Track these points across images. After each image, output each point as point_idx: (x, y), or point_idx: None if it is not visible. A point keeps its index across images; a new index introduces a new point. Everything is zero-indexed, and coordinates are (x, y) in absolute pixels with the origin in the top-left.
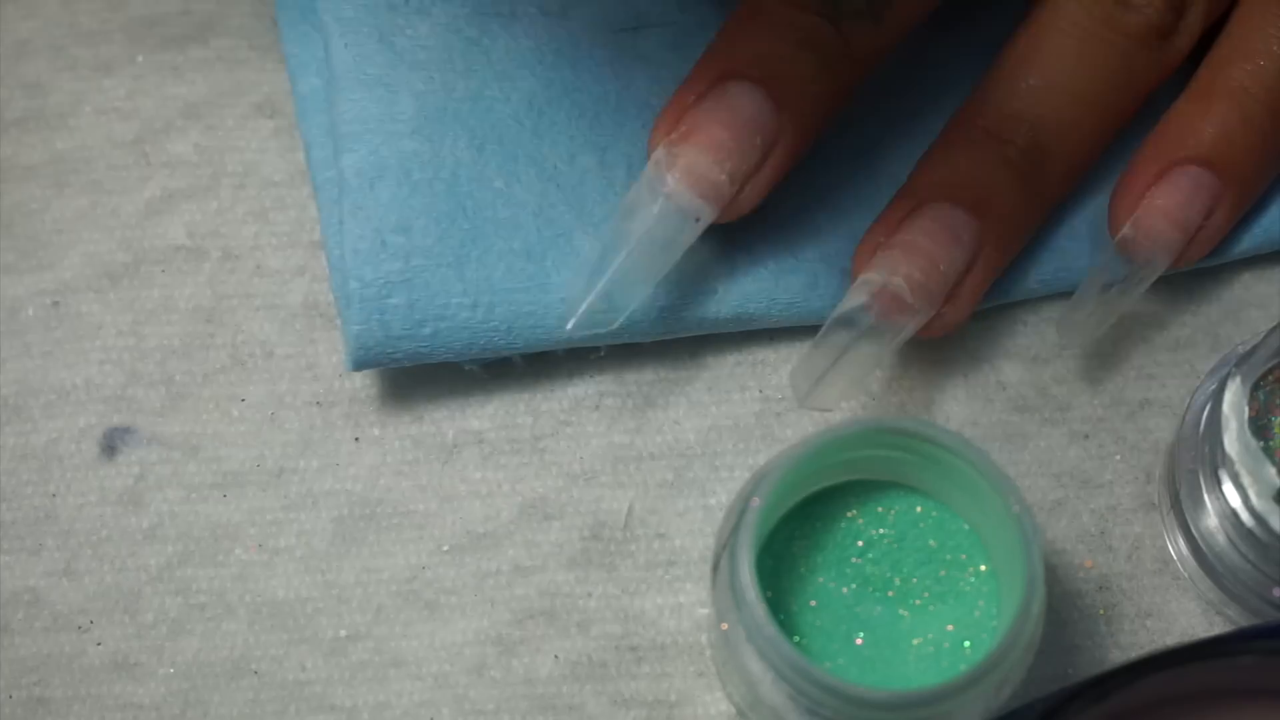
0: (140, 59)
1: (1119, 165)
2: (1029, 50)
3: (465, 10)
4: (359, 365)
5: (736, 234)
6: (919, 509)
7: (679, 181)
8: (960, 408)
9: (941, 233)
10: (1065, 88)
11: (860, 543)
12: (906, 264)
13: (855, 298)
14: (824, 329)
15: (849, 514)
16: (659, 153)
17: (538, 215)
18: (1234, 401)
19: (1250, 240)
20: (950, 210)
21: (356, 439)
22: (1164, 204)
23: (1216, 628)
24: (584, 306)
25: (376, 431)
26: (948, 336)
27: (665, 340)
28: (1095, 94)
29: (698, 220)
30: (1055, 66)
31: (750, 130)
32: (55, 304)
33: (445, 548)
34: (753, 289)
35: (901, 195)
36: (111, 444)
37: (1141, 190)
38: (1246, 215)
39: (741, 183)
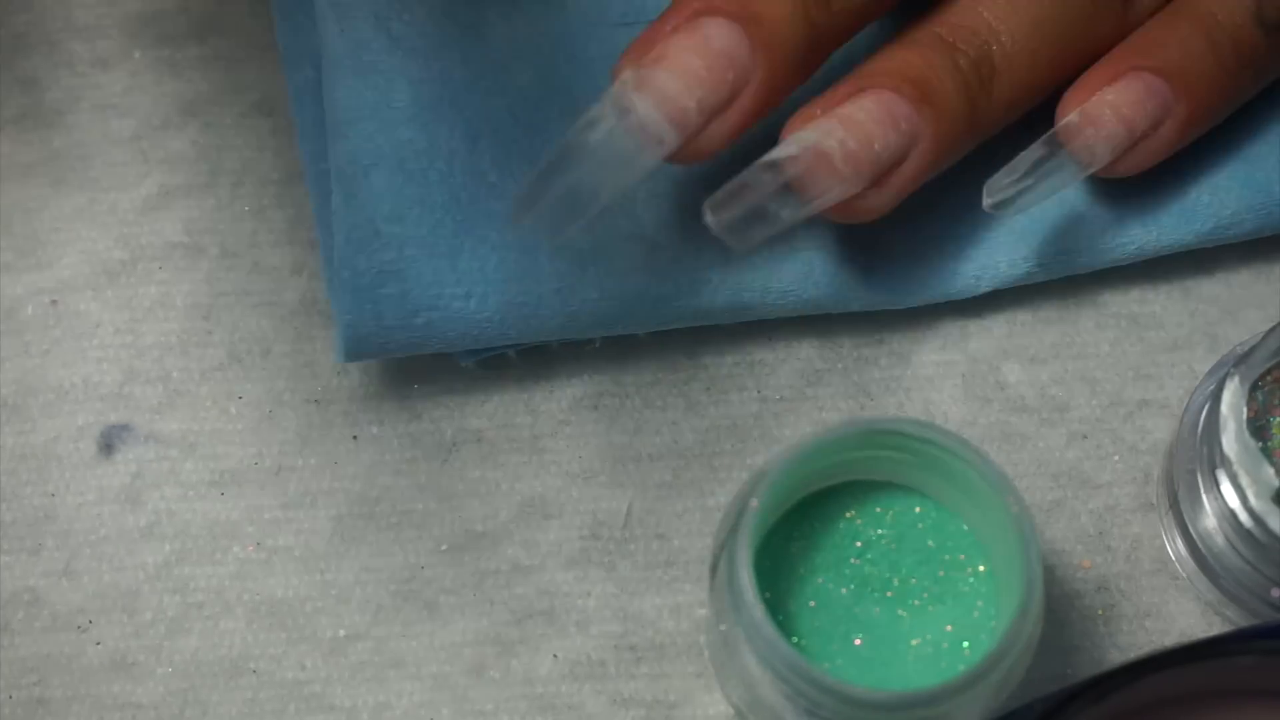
0: (137, 55)
1: None
2: None
3: None
4: (351, 355)
5: None
6: (917, 509)
7: (646, 101)
8: (958, 408)
9: (881, 114)
10: (1027, 14)
11: (859, 543)
12: (843, 132)
13: (785, 149)
14: (747, 170)
15: (847, 514)
16: (627, 74)
17: None
18: (1232, 402)
19: (1253, 220)
20: (892, 98)
21: (355, 437)
22: (1114, 99)
23: (1215, 628)
24: (533, 211)
25: (375, 429)
26: (945, 337)
27: (663, 341)
28: (1055, 30)
29: (660, 144)
30: None
31: (723, 63)
32: (54, 302)
33: (444, 546)
34: (748, 277)
35: (847, 79)
36: (109, 442)
37: (1095, 87)
38: (1248, 195)
39: (709, 115)
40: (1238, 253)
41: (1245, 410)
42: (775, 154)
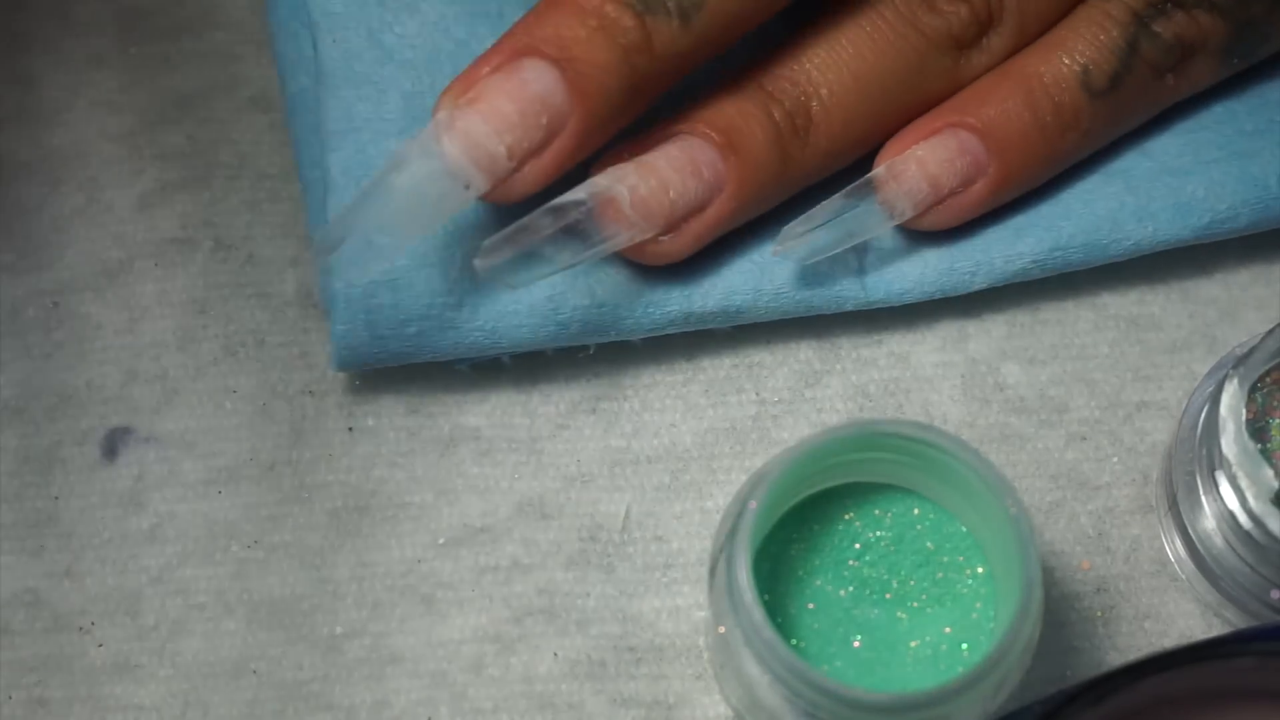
0: (133, 51)
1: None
2: (826, 26)
3: (454, 9)
4: (344, 365)
5: None
6: (916, 511)
7: (454, 144)
8: (957, 409)
9: (683, 162)
10: (849, 68)
11: (857, 545)
12: (636, 178)
13: (574, 193)
14: (531, 213)
15: (846, 516)
16: (441, 114)
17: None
18: (1231, 404)
19: (1249, 215)
20: (698, 144)
21: (350, 429)
22: (923, 155)
23: (1214, 629)
24: (335, 251)
25: (370, 421)
26: (944, 338)
27: (660, 343)
28: (878, 83)
29: (468, 188)
30: (845, 46)
31: (537, 108)
32: (55, 304)
33: (441, 540)
34: (737, 281)
35: (661, 124)
36: (112, 445)
37: (912, 141)
38: (1243, 189)
39: (521, 159)
40: (1237, 254)
41: (1244, 412)
42: (563, 198)
